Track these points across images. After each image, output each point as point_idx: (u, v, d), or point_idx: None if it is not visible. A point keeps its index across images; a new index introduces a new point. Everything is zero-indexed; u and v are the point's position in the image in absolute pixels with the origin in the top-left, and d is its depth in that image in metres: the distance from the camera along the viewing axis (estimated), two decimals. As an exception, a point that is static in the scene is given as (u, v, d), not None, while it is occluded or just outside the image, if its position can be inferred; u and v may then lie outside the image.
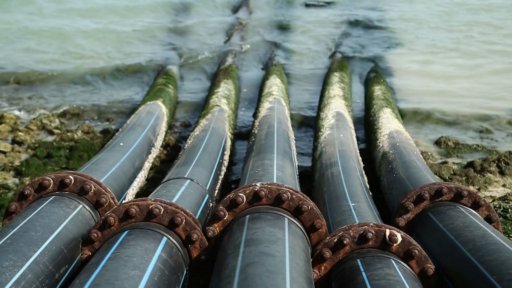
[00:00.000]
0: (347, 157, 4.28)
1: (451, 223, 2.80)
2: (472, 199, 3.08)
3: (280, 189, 2.65)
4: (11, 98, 7.68)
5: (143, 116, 5.41)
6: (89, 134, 6.34)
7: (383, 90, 7.10)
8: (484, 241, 2.48)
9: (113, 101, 7.62)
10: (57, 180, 2.94)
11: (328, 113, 5.69)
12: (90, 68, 9.07)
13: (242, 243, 2.20)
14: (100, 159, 3.74)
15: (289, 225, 2.47)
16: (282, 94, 6.64)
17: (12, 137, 6.15)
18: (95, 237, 2.57)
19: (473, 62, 9.52)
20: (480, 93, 8.03)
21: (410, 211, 3.14)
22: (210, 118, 5.45)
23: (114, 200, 3.04)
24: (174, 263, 2.36)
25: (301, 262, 2.13)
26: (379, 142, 4.98)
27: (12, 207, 2.86)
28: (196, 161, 3.98)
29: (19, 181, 5.06)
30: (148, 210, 2.58)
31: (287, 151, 4.24)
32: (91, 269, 2.05)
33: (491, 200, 4.80)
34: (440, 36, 11.13)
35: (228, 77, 7.68)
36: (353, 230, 2.52)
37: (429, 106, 7.35)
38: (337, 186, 3.65)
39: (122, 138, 4.45)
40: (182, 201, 3.02)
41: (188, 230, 2.58)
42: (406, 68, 9.20)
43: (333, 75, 7.81)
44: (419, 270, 2.47)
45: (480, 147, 6.07)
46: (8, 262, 2.09)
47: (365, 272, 2.27)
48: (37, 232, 2.40)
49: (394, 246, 2.48)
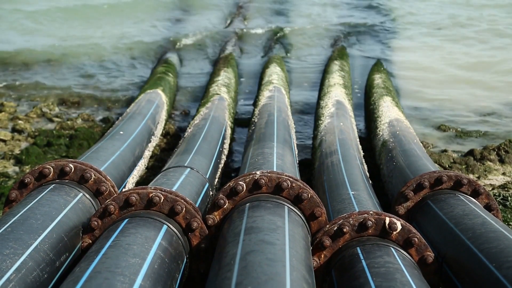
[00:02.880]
0: (347, 146, 4.27)
1: (451, 211, 2.81)
2: (472, 187, 3.09)
3: (280, 178, 2.65)
4: (9, 86, 7.67)
5: (143, 104, 5.40)
6: (89, 122, 6.34)
7: (383, 78, 7.08)
8: (484, 229, 2.48)
9: (113, 89, 7.61)
10: (57, 168, 2.94)
11: (328, 102, 5.68)
12: (90, 53, 9.04)
13: (242, 231, 2.20)
14: (100, 147, 3.74)
15: (289, 213, 2.47)
16: (282, 82, 6.62)
17: (12, 125, 6.14)
18: (96, 225, 2.58)
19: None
20: (483, 80, 8.04)
21: (410, 199, 3.15)
22: (210, 106, 5.44)
23: (114, 189, 3.04)
24: (174, 251, 2.36)
25: (301, 250, 2.14)
26: (379, 130, 4.98)
27: (13, 195, 2.86)
28: (196, 150, 3.98)
29: (19, 170, 5.06)
30: (148, 199, 2.58)
31: (287, 139, 4.24)
32: (91, 257, 2.06)
33: (490, 188, 4.81)
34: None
35: (228, 66, 7.67)
36: (353, 218, 2.52)
37: (430, 94, 7.35)
38: (337, 175, 3.65)
39: (122, 127, 4.45)
40: (182, 190, 3.02)
41: (188, 218, 2.59)
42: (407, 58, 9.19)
43: (333, 64, 7.79)
44: (419, 258, 2.48)
45: (480, 134, 6.08)
46: (9, 250, 2.10)
47: (364, 260, 2.28)
48: (38, 220, 2.40)
49: (393, 234, 2.48)
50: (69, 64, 8.62)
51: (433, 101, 7.14)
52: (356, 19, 11.62)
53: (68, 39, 9.80)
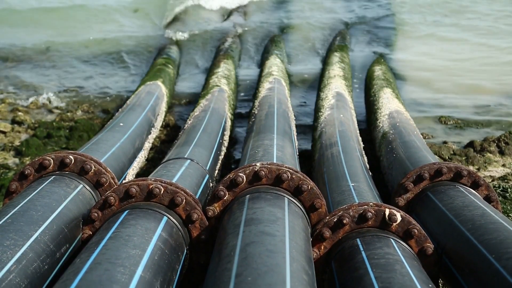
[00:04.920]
0: (347, 137, 4.27)
1: (451, 203, 2.81)
2: (472, 178, 3.09)
3: (280, 169, 2.65)
4: (9, 77, 7.66)
5: (143, 96, 5.39)
6: (89, 114, 6.34)
7: (383, 70, 7.07)
8: (483, 220, 2.49)
9: (113, 81, 7.59)
10: (57, 160, 2.94)
11: (328, 93, 5.67)
12: (89, 46, 9.03)
13: (242, 223, 2.20)
14: (100, 139, 3.74)
15: (289, 205, 2.47)
16: (282, 74, 6.61)
17: (12, 117, 6.14)
18: (96, 217, 2.58)
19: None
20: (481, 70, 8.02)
21: (409, 191, 3.15)
22: (210, 98, 5.44)
23: (114, 180, 3.04)
24: (174, 242, 2.37)
25: (301, 241, 2.14)
26: (379, 122, 4.97)
27: (13, 186, 2.87)
28: (196, 141, 3.98)
29: (19, 161, 5.06)
30: (149, 190, 2.58)
31: (287, 131, 4.24)
32: (92, 248, 2.06)
33: (490, 180, 4.81)
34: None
35: (228, 57, 7.65)
36: (352, 210, 2.52)
37: (430, 85, 7.34)
38: (337, 166, 3.65)
39: (122, 119, 4.45)
40: (182, 181, 3.02)
41: (188, 210, 2.59)
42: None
43: (333, 55, 7.77)
44: (418, 249, 2.48)
45: (481, 126, 6.07)
46: (9, 241, 2.10)
47: (364, 251, 2.28)
48: (38, 212, 2.41)
49: (393, 225, 2.49)
50: (70, 56, 8.61)
51: (433, 93, 7.13)
52: (358, 10, 11.58)
53: (66, 34, 9.79)
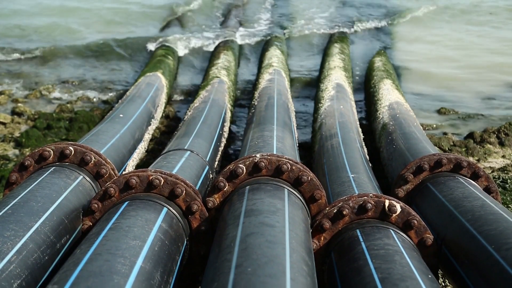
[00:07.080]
0: (347, 129, 4.27)
1: (450, 194, 2.81)
2: (472, 170, 3.09)
3: (280, 160, 2.65)
4: (9, 72, 7.65)
5: (143, 87, 5.39)
6: (89, 105, 6.33)
7: (383, 61, 7.06)
8: (483, 211, 2.49)
9: (112, 73, 7.58)
10: (57, 151, 2.94)
11: (328, 85, 5.67)
12: (88, 42, 9.02)
13: (242, 214, 2.20)
14: (100, 130, 3.74)
15: (289, 196, 2.47)
16: (282, 65, 6.60)
17: (11, 108, 6.13)
18: (96, 208, 2.58)
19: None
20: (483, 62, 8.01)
21: (409, 182, 3.15)
22: (210, 89, 5.43)
23: (114, 171, 3.04)
24: (174, 233, 2.37)
25: (301, 232, 2.14)
26: (379, 113, 4.97)
27: (13, 177, 2.87)
28: (196, 133, 3.98)
29: (19, 152, 5.06)
30: (149, 181, 2.58)
31: (287, 122, 4.24)
32: (92, 239, 2.06)
33: (490, 171, 4.81)
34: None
35: (228, 49, 7.64)
36: (352, 201, 2.52)
37: (430, 77, 7.33)
38: (337, 157, 3.65)
39: (122, 110, 4.44)
40: (182, 172, 3.02)
41: (188, 201, 2.59)
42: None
43: (333, 46, 7.76)
44: (418, 240, 2.49)
45: (481, 117, 6.07)
46: (10, 232, 2.11)
47: (364, 242, 2.28)
48: (38, 203, 2.41)
49: (393, 216, 2.49)
50: (70, 52, 8.60)
51: (434, 84, 7.12)
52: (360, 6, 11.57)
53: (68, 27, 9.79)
